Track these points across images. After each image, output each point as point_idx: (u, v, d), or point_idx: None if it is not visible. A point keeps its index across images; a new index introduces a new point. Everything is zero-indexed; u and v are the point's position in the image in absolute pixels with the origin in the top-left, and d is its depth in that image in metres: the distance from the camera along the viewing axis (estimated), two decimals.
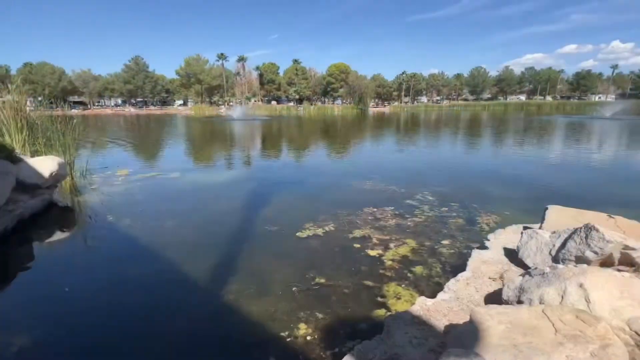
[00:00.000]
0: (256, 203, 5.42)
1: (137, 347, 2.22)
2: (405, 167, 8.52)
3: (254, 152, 11.97)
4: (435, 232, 4.05)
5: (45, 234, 4.26)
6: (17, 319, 2.51)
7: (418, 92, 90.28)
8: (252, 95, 73.94)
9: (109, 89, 72.12)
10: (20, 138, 6.66)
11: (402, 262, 3.31)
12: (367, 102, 66.09)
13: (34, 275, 3.26)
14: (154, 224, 4.46)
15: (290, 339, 2.24)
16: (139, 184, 6.72)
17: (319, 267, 3.22)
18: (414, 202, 5.26)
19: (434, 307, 2.22)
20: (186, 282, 3.04)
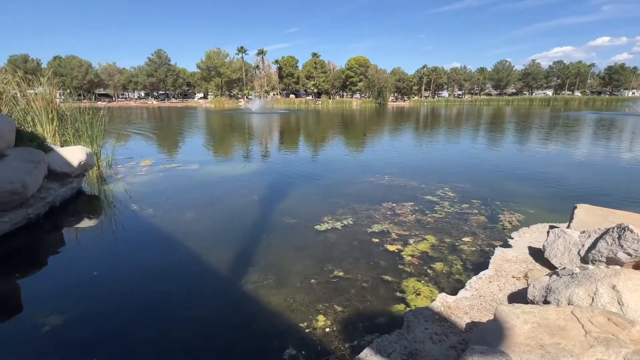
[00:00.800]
0: (274, 195, 5.47)
1: (158, 330, 2.29)
2: (425, 163, 8.38)
3: (272, 145, 12.05)
4: (455, 229, 3.98)
5: (74, 220, 4.44)
6: (50, 299, 2.64)
7: (439, 86, 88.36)
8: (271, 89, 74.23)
9: (132, 81, 74.06)
10: (51, 128, 6.94)
11: (421, 258, 3.27)
12: (387, 96, 65.19)
13: (65, 259, 3.41)
14: (175, 213, 4.56)
15: (309, 330, 2.26)
16: (161, 174, 6.90)
17: (337, 260, 3.22)
18: (434, 198, 5.17)
19: (454, 304, 2.18)
20: (206, 271, 3.10)
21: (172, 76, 73.75)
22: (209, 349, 2.13)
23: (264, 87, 73.89)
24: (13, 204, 3.93)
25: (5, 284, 2.93)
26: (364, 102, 64.50)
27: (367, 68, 74.63)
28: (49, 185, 4.83)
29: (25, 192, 4.02)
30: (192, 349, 2.13)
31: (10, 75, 7.37)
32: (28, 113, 6.88)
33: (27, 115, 6.83)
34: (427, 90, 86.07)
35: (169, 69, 73.37)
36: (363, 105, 58.84)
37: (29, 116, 6.85)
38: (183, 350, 2.12)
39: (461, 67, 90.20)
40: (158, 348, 2.13)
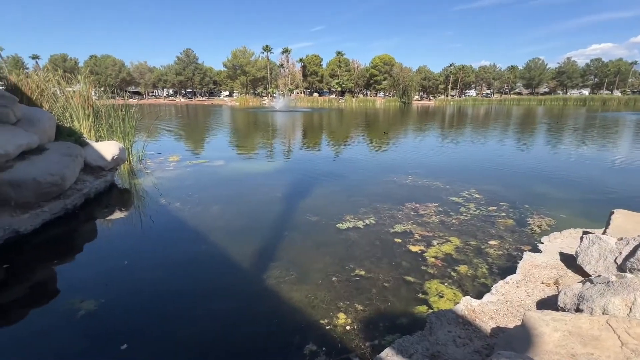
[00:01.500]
0: (297, 193, 5.51)
1: (184, 320, 2.37)
2: (450, 163, 8.19)
3: (294, 143, 12.13)
4: (481, 232, 3.87)
5: (107, 212, 4.66)
6: (85, 285, 2.79)
7: (466, 85, 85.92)
8: (295, 87, 74.70)
9: (162, 80, 76.59)
10: (87, 124, 7.30)
11: (445, 260, 3.21)
12: (411, 95, 64.05)
13: (98, 248, 3.59)
14: (201, 208, 4.69)
15: (330, 327, 2.27)
16: (188, 170, 7.11)
17: (358, 259, 3.22)
18: (459, 199, 5.05)
19: (479, 308, 2.13)
20: (230, 264, 3.18)
21: (199, 74, 75.72)
22: (233, 340, 2.19)
23: (287, 85, 74.45)
24: (52, 195, 4.17)
25: (45, 269, 3.12)
26: (388, 100, 63.70)
27: (392, 66, 73.61)
28: (85, 177, 5.09)
29: (63, 184, 4.26)
30: (216, 338, 2.20)
31: (51, 73, 7.81)
32: (67, 109, 7.27)
33: (66, 112, 7.22)
34: (453, 89, 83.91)
35: (196, 67, 75.37)
36: (387, 104, 58.13)
37: (68, 112, 7.23)
38: (208, 340, 2.18)
39: (490, 65, 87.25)
40: (184, 336, 2.21)
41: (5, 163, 4.05)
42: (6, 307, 2.56)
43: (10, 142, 4.16)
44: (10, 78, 7.24)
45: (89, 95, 7.76)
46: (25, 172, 4.01)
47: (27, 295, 2.71)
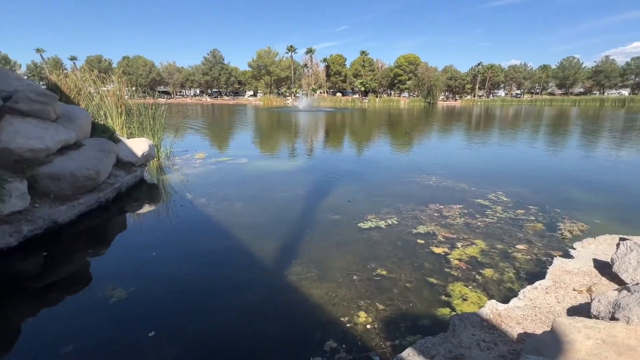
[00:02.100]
0: (318, 191, 5.53)
1: (208, 311, 2.44)
2: (476, 165, 7.96)
3: (317, 142, 12.17)
4: (508, 235, 3.74)
5: (137, 206, 4.85)
6: (116, 274, 2.92)
7: (495, 85, 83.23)
8: (318, 87, 74.89)
9: (189, 79, 78.82)
10: (119, 122, 7.63)
11: (469, 262, 3.13)
12: (436, 95, 62.76)
13: (128, 240, 3.75)
14: (225, 204, 4.80)
15: (350, 325, 2.27)
16: (213, 167, 7.29)
17: (380, 259, 3.19)
18: (485, 201, 4.91)
19: (505, 313, 2.06)
20: (252, 259, 3.24)
21: (225, 74, 77.41)
22: (255, 332, 2.23)
23: (311, 85, 74.76)
24: (87, 188, 4.39)
25: (80, 257, 3.29)
26: (413, 101, 62.72)
27: (416, 66, 72.43)
28: (117, 172, 5.32)
29: (97, 178, 4.48)
30: (239, 330, 2.25)
31: (87, 73, 8.23)
32: (101, 108, 7.63)
33: (100, 110, 7.58)
34: (481, 89, 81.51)
35: (222, 67, 77.09)
36: (411, 104, 57.26)
37: (102, 110, 7.59)
38: (231, 331, 2.24)
39: (521, 65, 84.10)
40: (209, 326, 2.27)
41: (45, 157, 4.30)
42: (45, 290, 2.73)
43: (51, 138, 4.41)
44: (51, 78, 7.67)
45: (122, 94, 8.11)
46: (63, 166, 4.24)
47: (63, 281, 2.88)
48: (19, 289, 2.76)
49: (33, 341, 2.15)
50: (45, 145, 4.27)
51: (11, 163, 3.96)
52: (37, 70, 72.64)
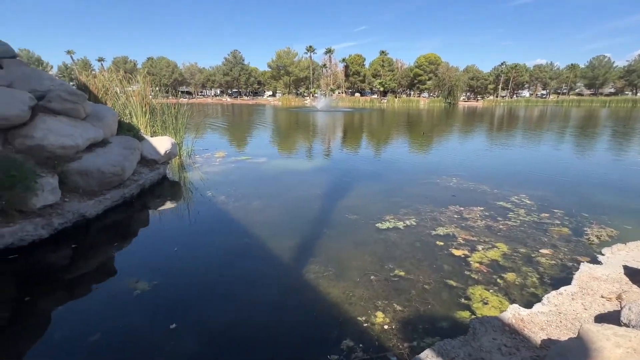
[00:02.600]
0: (336, 191, 5.53)
1: (226, 305, 2.48)
2: (498, 167, 7.76)
3: (334, 142, 12.17)
4: (532, 239, 3.63)
5: (159, 202, 4.99)
6: (139, 267, 3.02)
7: (519, 85, 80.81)
8: (337, 87, 74.81)
9: (210, 80, 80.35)
10: (143, 120, 7.87)
11: (490, 266, 3.06)
12: (457, 95, 61.50)
13: (151, 235, 3.87)
14: (244, 202, 4.87)
15: (367, 325, 2.26)
16: (232, 165, 7.41)
17: (398, 260, 3.16)
18: (507, 204, 4.78)
19: (528, 318, 2.01)
20: (270, 257, 3.27)
21: (244, 75, 78.52)
22: (272, 329, 2.25)
23: (329, 85, 74.78)
24: (113, 184, 4.56)
25: (106, 250, 3.42)
26: (432, 101, 61.69)
27: (437, 66, 71.23)
28: (141, 169, 5.49)
29: (123, 174, 4.64)
30: (257, 325, 2.28)
31: (114, 74, 8.54)
32: (126, 107, 7.89)
33: (126, 109, 7.85)
34: (504, 89, 79.32)
35: (242, 68, 78.23)
36: (431, 104, 56.35)
37: (127, 109, 7.85)
38: (250, 326, 2.27)
39: (547, 64, 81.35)
40: (228, 321, 2.32)
41: (75, 154, 4.49)
42: (74, 281, 2.85)
43: (80, 136, 4.60)
44: (80, 78, 8.00)
45: (146, 94, 8.37)
46: (91, 162, 4.41)
47: (90, 272, 3.00)
48: (50, 279, 2.90)
49: (63, 329, 2.25)
50: (75, 142, 4.46)
51: (43, 159, 4.15)
52: (67, 71, 75.83)
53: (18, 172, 3.47)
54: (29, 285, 2.76)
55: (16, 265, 3.00)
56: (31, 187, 3.46)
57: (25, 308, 2.48)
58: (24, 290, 2.69)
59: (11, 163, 3.55)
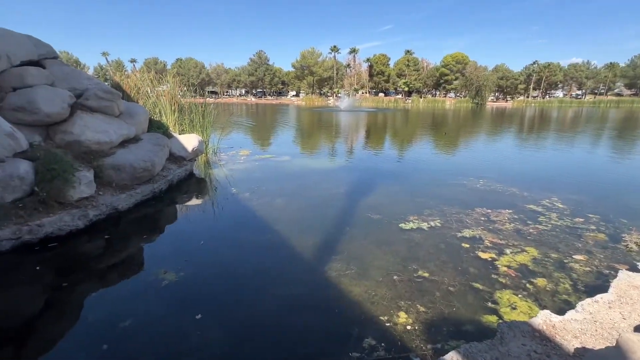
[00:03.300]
0: (359, 191, 5.50)
1: (250, 299, 2.53)
2: (529, 169, 7.46)
3: (357, 142, 12.10)
4: (564, 244, 3.47)
5: (186, 197, 5.14)
6: (167, 259, 3.12)
7: (551, 85, 77.32)
8: (360, 87, 74.37)
9: (236, 80, 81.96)
10: (172, 119, 8.14)
11: (519, 270, 2.95)
12: (485, 95, 59.60)
13: (178, 228, 4.00)
14: (267, 199, 4.94)
15: (389, 325, 2.24)
16: (256, 163, 7.53)
17: (422, 261, 3.11)
18: (538, 207, 4.59)
19: (561, 325, 1.92)
20: (293, 253, 3.30)
21: (269, 75, 79.57)
22: (294, 323, 2.28)
23: (353, 85, 74.45)
24: (144, 179, 4.74)
25: (136, 241, 3.56)
26: (459, 101, 60.09)
27: (464, 65, 69.33)
28: (169, 166, 5.68)
29: (153, 170, 4.81)
30: (279, 320, 2.31)
31: (146, 74, 8.88)
32: (157, 105, 8.19)
33: (156, 107, 8.14)
34: (536, 89, 76.18)
35: (267, 68, 79.31)
36: (457, 105, 54.93)
37: (157, 108, 8.15)
38: (272, 320, 2.30)
39: (583, 63, 77.38)
40: (250, 314, 2.36)
41: (109, 150, 4.70)
42: (106, 270, 2.99)
43: (115, 132, 4.82)
44: (115, 78, 8.37)
45: (175, 93, 8.65)
46: (124, 158, 4.61)
47: (122, 262, 3.14)
48: (85, 267, 3.06)
49: (96, 313, 2.37)
50: (109, 138, 4.68)
51: (80, 154, 4.38)
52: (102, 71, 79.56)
53: (58, 165, 3.67)
54: (66, 272, 2.92)
55: (55, 253, 3.18)
56: (69, 180, 3.66)
57: (62, 293, 2.63)
58: (62, 276, 2.85)
59: (52, 157, 3.76)
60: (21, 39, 4.73)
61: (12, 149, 3.66)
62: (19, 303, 2.52)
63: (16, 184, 3.37)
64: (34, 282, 2.77)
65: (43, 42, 5.28)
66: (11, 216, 3.24)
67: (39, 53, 5.02)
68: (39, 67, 4.82)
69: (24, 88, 4.29)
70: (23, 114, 4.11)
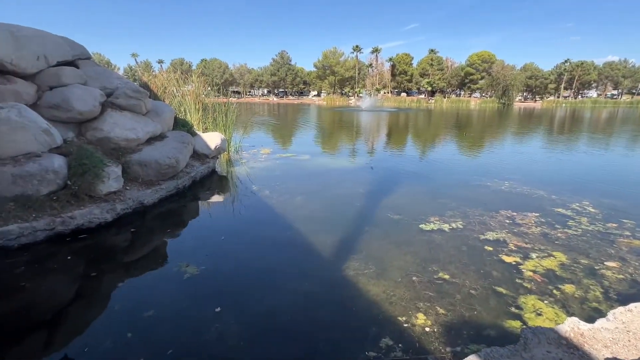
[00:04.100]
0: (379, 190, 5.45)
1: (268, 294, 2.56)
2: (558, 172, 7.15)
3: (378, 142, 11.99)
4: (595, 250, 3.30)
5: (209, 194, 5.26)
6: (189, 253, 3.21)
7: (584, 84, 73.77)
8: (382, 87, 73.62)
9: (258, 80, 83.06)
10: (196, 117, 8.35)
11: (546, 275, 2.83)
12: (513, 95, 57.58)
13: (200, 224, 4.10)
14: (287, 196, 4.97)
15: (407, 325, 2.20)
16: (277, 162, 7.60)
17: (442, 263, 3.04)
18: (567, 211, 4.40)
19: (590, 334, 1.83)
20: (311, 251, 3.31)
21: (291, 75, 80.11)
22: (312, 319, 2.29)
23: (375, 85, 73.79)
24: (168, 175, 4.88)
25: (160, 235, 3.68)
26: (484, 101, 58.36)
27: (491, 64, 67.29)
28: (193, 163, 5.83)
29: (177, 166, 4.95)
30: (296, 315, 2.32)
31: (172, 74, 9.16)
32: (182, 104, 8.43)
33: (181, 106, 8.38)
34: (567, 89, 72.96)
35: (289, 68, 79.88)
36: (483, 105, 53.38)
37: (182, 107, 8.38)
38: (289, 315, 2.32)
39: (620, 61, 73.39)
40: (268, 309, 2.38)
41: (136, 146, 4.88)
42: (131, 262, 3.11)
43: (142, 130, 4.99)
44: (143, 78, 8.67)
45: (200, 93, 8.88)
46: (150, 154, 4.77)
47: (146, 255, 3.25)
48: (112, 258, 3.19)
49: (122, 302, 2.46)
50: (137, 135, 4.85)
51: (109, 150, 4.56)
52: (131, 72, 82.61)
53: (89, 160, 3.85)
54: (95, 263, 3.05)
55: (85, 244, 3.33)
56: (99, 175, 3.83)
57: (91, 282, 2.76)
58: (91, 266, 2.98)
59: (84, 152, 3.95)
60: (57, 41, 4.98)
61: (47, 144, 3.86)
62: (52, 290, 2.66)
63: (51, 178, 3.55)
64: (65, 271, 2.91)
65: (77, 43, 5.54)
66: (46, 208, 3.42)
67: (73, 54, 5.27)
68: (73, 67, 5.07)
69: (59, 87, 4.52)
70: (58, 112, 4.32)
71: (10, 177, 3.36)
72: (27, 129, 3.68)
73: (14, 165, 3.47)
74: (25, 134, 3.66)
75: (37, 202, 3.40)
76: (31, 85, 4.36)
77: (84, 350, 1.99)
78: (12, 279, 2.71)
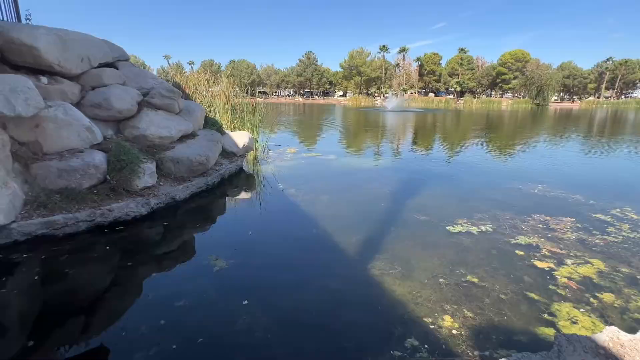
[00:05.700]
0: (405, 191, 5.39)
1: (294, 290, 2.60)
2: (596, 176, 6.78)
3: (404, 143, 11.82)
4: (638, 259, 3.12)
5: (237, 191, 5.40)
6: (218, 247, 3.32)
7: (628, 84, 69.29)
8: (409, 87, 72.43)
9: (285, 80, 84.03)
10: (225, 117, 8.58)
11: (582, 283, 2.70)
12: (548, 95, 54.97)
13: (229, 219, 4.22)
14: (313, 195, 5.02)
15: (434, 327, 2.18)
16: (303, 161, 7.68)
17: (470, 266, 2.98)
18: (606, 217, 4.17)
19: (631, 345, 1.73)
20: (337, 249, 3.32)
21: (317, 75, 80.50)
22: (337, 316, 2.30)
23: (402, 85, 72.74)
24: (199, 172, 5.05)
25: (191, 229, 3.82)
26: (517, 102, 56.07)
27: (525, 63, 64.59)
28: (222, 161, 5.99)
29: (207, 164, 5.11)
30: (322, 312, 2.35)
31: (202, 75, 9.48)
32: (211, 104, 8.70)
33: (211, 106, 8.65)
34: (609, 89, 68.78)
35: (315, 69, 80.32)
36: (515, 105, 51.33)
37: (212, 106, 8.65)
38: (314, 312, 2.35)
39: None
40: (294, 304, 2.43)
41: (169, 144, 5.08)
42: (164, 253, 3.25)
43: (175, 128, 5.20)
44: (175, 79, 9.01)
45: (229, 93, 9.12)
46: (182, 152, 4.95)
47: (178, 247, 3.39)
48: (146, 249, 3.35)
49: (155, 292, 2.59)
50: (170, 133, 5.05)
51: (145, 147, 4.78)
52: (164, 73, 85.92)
53: (126, 157, 4.05)
54: (131, 253, 3.22)
55: (121, 236, 3.52)
56: (135, 171, 4.03)
57: (127, 271, 2.91)
58: (127, 256, 3.15)
59: (121, 149, 4.16)
60: (99, 43, 5.28)
61: (89, 141, 4.11)
62: (92, 277, 2.83)
63: (92, 172, 3.78)
64: (104, 260, 3.09)
65: (116, 45, 5.85)
66: (87, 200, 3.64)
67: (113, 56, 5.57)
68: (113, 68, 5.35)
69: (100, 87, 4.79)
70: (99, 110, 4.58)
71: (56, 171, 3.60)
72: (72, 126, 3.93)
73: (60, 160, 3.72)
74: (70, 131, 3.91)
75: (80, 195, 3.62)
76: (76, 85, 4.64)
77: (122, 334, 2.11)
78: (57, 266, 2.91)
